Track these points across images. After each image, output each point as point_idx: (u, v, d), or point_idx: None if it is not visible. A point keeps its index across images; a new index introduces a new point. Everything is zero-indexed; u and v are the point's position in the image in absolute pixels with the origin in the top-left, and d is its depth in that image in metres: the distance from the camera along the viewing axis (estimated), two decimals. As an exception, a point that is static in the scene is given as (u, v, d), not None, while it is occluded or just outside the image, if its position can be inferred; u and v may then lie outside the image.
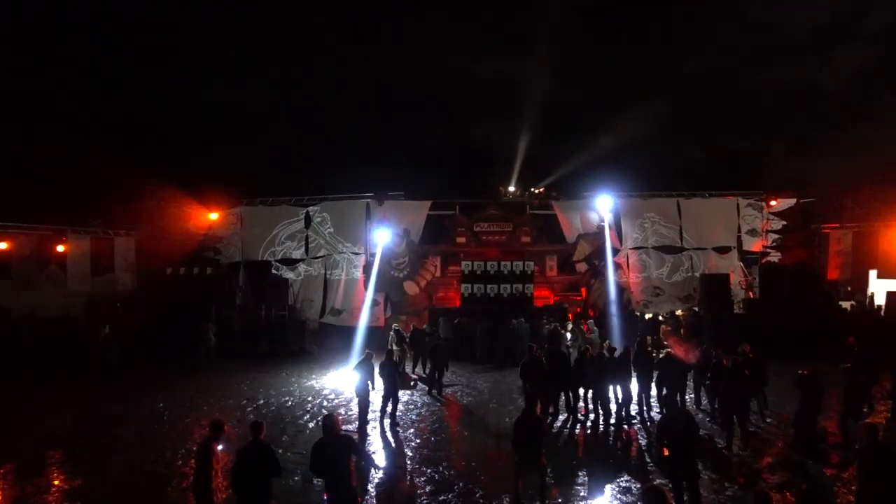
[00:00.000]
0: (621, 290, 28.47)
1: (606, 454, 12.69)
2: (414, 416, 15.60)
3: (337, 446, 7.88)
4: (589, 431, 14.25)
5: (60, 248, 27.73)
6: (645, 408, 15.31)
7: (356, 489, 8.14)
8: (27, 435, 14.23)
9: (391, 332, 22.82)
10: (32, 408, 16.86)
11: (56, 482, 11.25)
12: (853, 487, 9.63)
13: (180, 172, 29.97)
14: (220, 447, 8.24)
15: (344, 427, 12.23)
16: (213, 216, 30.05)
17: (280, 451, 12.30)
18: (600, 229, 29.52)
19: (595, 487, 10.58)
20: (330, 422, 8.05)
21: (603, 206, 29.16)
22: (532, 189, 34.05)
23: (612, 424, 14.47)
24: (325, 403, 16.94)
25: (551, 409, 15.08)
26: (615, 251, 29.32)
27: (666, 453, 9.13)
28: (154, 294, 26.74)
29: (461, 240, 31.37)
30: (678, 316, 27.01)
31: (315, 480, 10.10)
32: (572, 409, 15.04)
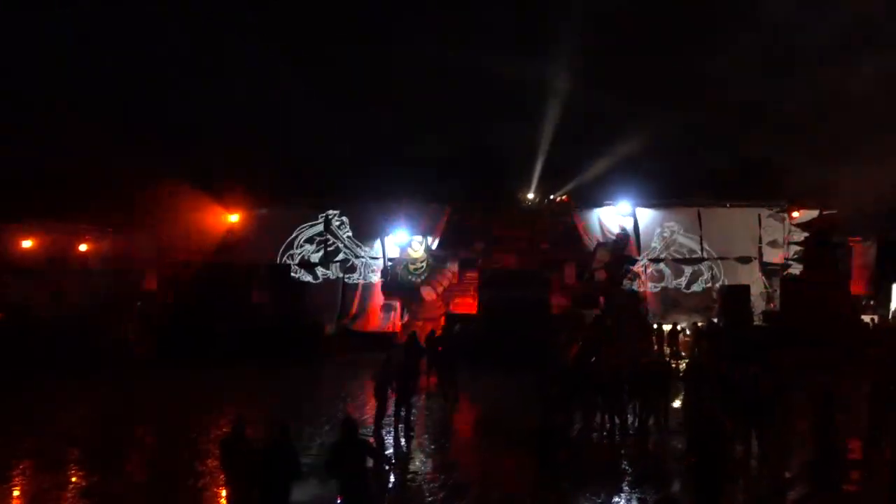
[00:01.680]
0: (639, 299, 28.28)
1: (623, 464, 12.58)
2: (428, 422, 15.56)
3: (353, 449, 7.89)
4: (605, 441, 14.13)
5: (82, 247, 28.07)
6: (662, 418, 15.14)
7: (372, 493, 8.13)
8: (46, 431, 14.37)
9: (407, 338, 22.73)
10: (52, 404, 17.04)
11: (73, 479, 11.34)
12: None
13: (201, 173, 30.26)
14: (243, 445, 8.32)
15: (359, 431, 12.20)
16: (233, 217, 30.29)
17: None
18: (619, 238, 29.37)
19: (610, 497, 10.48)
20: (348, 424, 8.05)
21: (622, 214, 29.03)
22: (551, 196, 33.96)
23: (629, 434, 14.35)
24: (341, 406, 16.94)
25: (568, 418, 14.95)
26: (634, 260, 29.15)
27: (692, 461, 8.98)
28: (174, 294, 26.97)
29: (479, 246, 31.32)
30: (698, 327, 26.73)
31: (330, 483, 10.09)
32: (589, 419, 14.91)
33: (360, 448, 7.99)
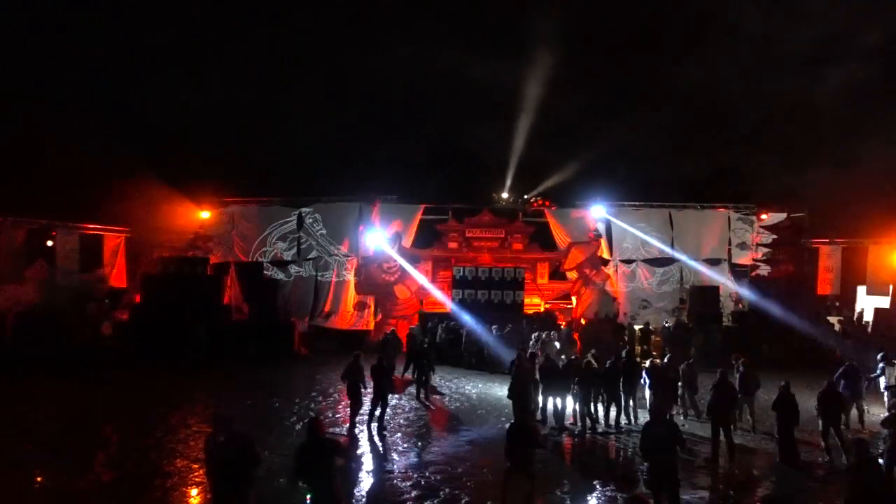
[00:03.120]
0: (610, 300, 28.53)
1: (592, 463, 12.71)
2: (402, 421, 15.54)
3: (320, 450, 7.83)
4: (575, 440, 14.25)
5: (49, 243, 27.50)
6: (632, 418, 15.33)
7: (340, 493, 8.08)
8: (9, 430, 14.08)
9: (384, 336, 22.71)
10: (16, 402, 16.69)
11: (38, 479, 11.15)
12: (837, 502, 9.67)
13: (172, 169, 29.86)
14: (221, 439, 8.24)
15: (331, 429, 12.16)
16: (205, 215, 29.93)
17: (266, 452, 12.25)
18: (592, 238, 29.60)
19: (580, 496, 10.57)
20: (314, 425, 8.00)
21: (595, 215, 29.28)
22: (525, 196, 34.11)
23: (599, 434, 14.49)
24: (312, 405, 16.87)
25: (539, 417, 15.07)
26: (605, 261, 29.39)
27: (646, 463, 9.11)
28: (143, 291, 26.57)
29: (453, 245, 31.38)
30: (667, 327, 27.02)
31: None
32: (559, 418, 15.03)
33: (327, 448, 7.94)
